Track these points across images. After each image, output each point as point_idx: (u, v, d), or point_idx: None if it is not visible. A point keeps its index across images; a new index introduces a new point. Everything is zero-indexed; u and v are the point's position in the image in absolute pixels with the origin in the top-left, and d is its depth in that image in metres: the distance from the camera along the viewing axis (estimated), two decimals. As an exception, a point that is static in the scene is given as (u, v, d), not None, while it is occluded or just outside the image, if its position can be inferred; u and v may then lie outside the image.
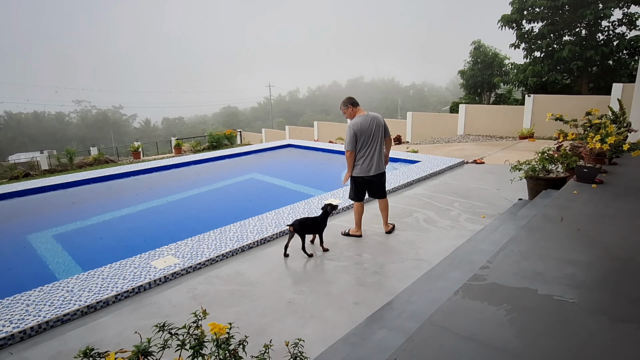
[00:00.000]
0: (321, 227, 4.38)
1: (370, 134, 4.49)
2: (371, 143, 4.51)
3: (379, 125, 4.54)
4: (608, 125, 4.76)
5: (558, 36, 20.28)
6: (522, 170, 5.49)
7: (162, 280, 3.79)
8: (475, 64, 25.09)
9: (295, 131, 25.83)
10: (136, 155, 16.74)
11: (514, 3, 20.58)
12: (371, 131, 4.49)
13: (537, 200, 4.77)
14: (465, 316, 2.21)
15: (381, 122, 4.59)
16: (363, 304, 3.25)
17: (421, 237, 4.68)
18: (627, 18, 18.70)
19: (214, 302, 3.41)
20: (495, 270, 2.72)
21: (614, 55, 18.91)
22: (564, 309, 2.23)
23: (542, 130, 13.99)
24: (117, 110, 72.57)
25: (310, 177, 9.47)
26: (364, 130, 4.48)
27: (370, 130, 4.49)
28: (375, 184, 4.73)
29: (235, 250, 4.37)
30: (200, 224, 5.76)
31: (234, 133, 20.55)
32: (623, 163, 5.89)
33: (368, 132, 4.49)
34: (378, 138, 4.53)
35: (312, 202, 5.99)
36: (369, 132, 4.49)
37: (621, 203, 4.11)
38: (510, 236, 3.48)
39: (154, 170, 10.26)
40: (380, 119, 4.60)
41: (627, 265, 2.76)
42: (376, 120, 4.54)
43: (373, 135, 4.50)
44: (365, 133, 4.48)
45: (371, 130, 4.49)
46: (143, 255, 4.23)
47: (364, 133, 4.48)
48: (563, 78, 19.88)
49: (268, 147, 13.34)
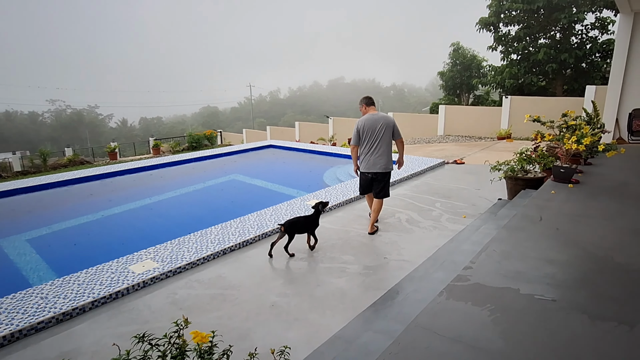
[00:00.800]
0: (314, 226, 4.38)
1: (374, 133, 4.70)
2: (374, 142, 4.71)
3: (386, 126, 4.70)
4: (583, 127, 4.88)
5: (534, 39, 20.84)
6: (502, 170, 5.58)
7: (141, 285, 3.68)
8: (454, 65, 25.53)
9: (276, 132, 25.70)
10: (113, 156, 16.33)
11: (491, 6, 21.04)
12: (375, 130, 4.69)
13: (516, 200, 4.86)
14: (450, 317, 2.21)
15: (389, 123, 4.73)
16: (347, 306, 3.23)
17: (404, 237, 4.70)
18: (600, 22, 19.36)
19: (195, 307, 3.33)
20: (478, 270, 2.74)
21: (587, 58, 19.55)
22: (545, 308, 2.26)
23: (519, 131, 14.33)
24: (92, 110, 70.67)
25: (292, 178, 9.42)
26: (367, 128, 4.71)
27: (375, 129, 4.69)
28: (377, 182, 4.87)
29: (216, 253, 4.29)
30: (180, 227, 5.64)
31: (214, 133, 20.32)
32: (597, 163, 6.07)
33: (372, 131, 4.70)
34: (383, 138, 4.70)
35: (294, 203, 5.95)
36: (373, 131, 4.70)
37: (597, 202, 4.22)
38: (491, 236, 3.52)
39: (132, 171, 10.01)
40: (389, 120, 4.75)
41: (604, 263, 2.82)
42: (383, 120, 4.72)
43: (377, 135, 4.69)
44: (369, 131, 4.71)
45: (375, 130, 4.69)
46: (120, 259, 4.10)
47: (367, 131, 4.72)
48: (539, 80, 20.44)
49: (249, 148, 13.21)
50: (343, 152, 11.58)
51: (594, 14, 19.30)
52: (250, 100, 74.91)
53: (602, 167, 5.91)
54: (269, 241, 4.69)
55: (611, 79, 9.76)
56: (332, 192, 6.49)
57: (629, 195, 4.55)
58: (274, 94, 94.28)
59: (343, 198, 6.14)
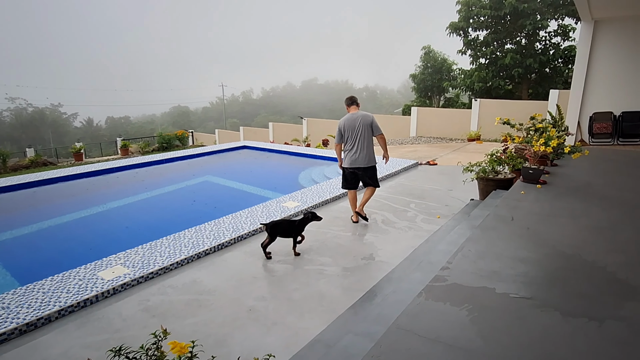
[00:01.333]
0: (297, 232, 4.29)
1: (354, 131, 4.97)
2: (355, 139, 4.99)
3: (364, 124, 4.96)
4: (550, 130, 5.07)
5: (501, 44, 21.54)
6: (474, 171, 5.72)
7: (111, 292, 3.53)
8: (425, 68, 26.06)
9: (249, 132, 25.43)
10: (78, 157, 15.65)
11: (461, 11, 21.60)
12: (355, 128, 4.96)
13: (488, 201, 4.99)
14: (429, 318, 2.23)
15: (367, 121, 4.98)
16: (326, 309, 3.21)
17: (380, 238, 4.73)
18: (562, 29, 20.23)
19: (169, 313, 3.23)
20: (454, 270, 2.79)
21: (550, 64, 20.39)
22: (520, 307, 2.32)
23: (488, 132, 14.76)
24: (55, 109, 67.56)
25: (267, 180, 9.33)
26: (347, 127, 5.00)
27: (354, 127, 4.96)
28: (363, 176, 5.13)
29: (190, 258, 4.18)
30: (152, 231, 5.47)
31: (186, 134, 19.86)
32: (563, 164, 6.33)
33: (352, 129, 4.97)
34: (363, 135, 4.96)
35: (270, 205, 5.88)
36: (353, 129, 4.97)
37: (563, 202, 4.39)
38: (466, 236, 3.59)
39: (99, 173, 9.64)
40: (367, 117, 5.00)
41: (573, 261, 2.93)
42: (362, 118, 4.97)
43: (357, 133, 4.96)
44: (349, 129, 4.99)
45: (355, 128, 4.96)
46: (88, 265, 3.93)
47: (347, 129, 5.00)
48: (505, 84, 21.15)
49: (223, 149, 13.00)
50: (318, 153, 11.58)
51: (557, 21, 20.19)
52: (223, 100, 73.81)
53: (567, 168, 6.16)
54: (245, 244, 4.63)
55: (573, 84, 10.21)
56: (307, 194, 6.47)
57: (592, 194, 4.75)
58: (247, 94, 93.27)
59: (319, 199, 6.13)
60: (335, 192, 6.54)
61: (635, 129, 9.61)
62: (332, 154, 11.20)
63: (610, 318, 2.19)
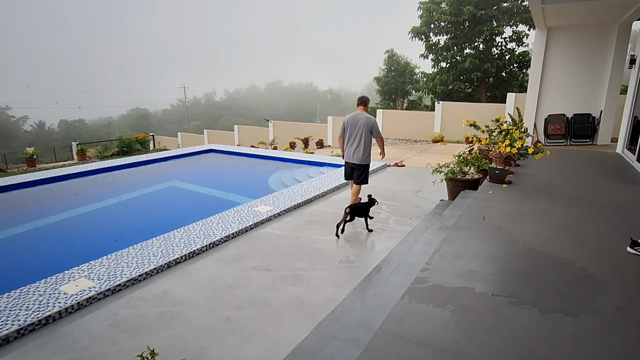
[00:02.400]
0: (367, 213, 5.02)
1: (354, 130, 5.45)
2: (353, 137, 5.46)
3: (364, 125, 5.41)
4: (514, 131, 5.28)
5: (460, 49, 22.32)
6: (443, 172, 5.86)
7: (75, 308, 3.31)
8: (389, 71, 26.56)
9: (214, 135, 24.89)
10: (31, 163, 14.71)
11: (422, 16, 22.20)
12: (355, 127, 5.44)
13: (458, 201, 5.12)
14: (414, 321, 2.23)
15: (368, 124, 5.42)
16: (305, 315, 3.16)
17: (355, 241, 4.73)
18: (516, 35, 21.24)
19: (140, 327, 3.06)
20: (434, 271, 2.82)
21: (506, 68, 21.34)
22: (500, 305, 2.37)
23: (451, 134, 15.23)
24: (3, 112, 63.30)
25: (236, 184, 9.14)
26: (349, 124, 5.50)
27: (355, 126, 5.44)
28: (355, 170, 5.62)
29: (160, 267, 3.99)
30: (117, 240, 5.21)
31: (147, 137, 19.17)
32: (525, 165, 6.61)
33: (353, 127, 5.46)
34: (360, 135, 5.42)
35: (241, 210, 5.75)
36: (354, 128, 5.45)
37: (529, 201, 4.57)
38: (440, 237, 3.66)
39: (56, 179, 9.07)
40: (369, 121, 5.44)
41: (544, 258, 3.04)
42: (364, 120, 5.42)
43: (356, 132, 5.44)
44: (350, 127, 5.49)
45: (355, 127, 5.43)
46: (49, 279, 3.66)
47: (349, 126, 5.50)
48: (465, 87, 21.92)
49: (188, 153, 12.63)
50: (287, 156, 11.49)
51: (512, 27, 21.19)
52: (185, 102, 71.86)
53: (529, 168, 6.44)
54: (217, 251, 4.49)
55: (529, 87, 10.72)
56: (279, 197, 6.39)
57: (554, 193, 4.99)
58: (209, 97, 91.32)
59: (291, 203, 6.06)
60: (307, 195, 6.50)
61: (586, 130, 10.23)
62: (300, 157, 11.16)
63: (583, 313, 2.29)
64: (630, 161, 7.02)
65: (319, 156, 11.16)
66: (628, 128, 7.87)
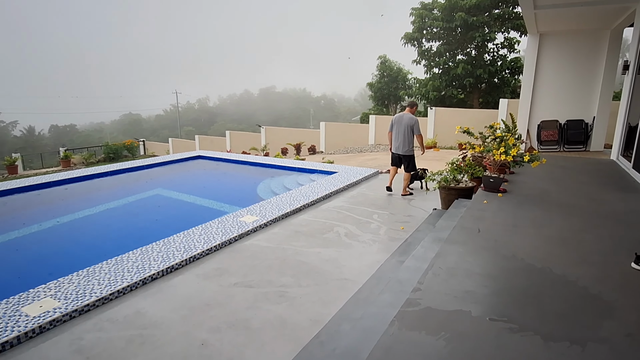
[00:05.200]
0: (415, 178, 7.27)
1: (399, 127, 6.85)
2: (397, 133, 6.87)
3: (407, 124, 6.77)
4: (509, 138, 5.10)
5: (453, 55, 22.33)
6: (436, 180, 5.66)
7: (37, 331, 3.03)
8: (382, 77, 26.51)
9: (205, 141, 24.60)
10: (12, 169, 14.27)
11: (415, 22, 22.19)
12: (400, 125, 6.83)
13: (451, 211, 4.91)
14: (405, 352, 2.00)
15: (409, 123, 6.76)
16: (288, 338, 2.91)
17: (343, 253, 4.49)
18: (508, 42, 21.28)
19: (106, 354, 2.78)
20: (427, 292, 2.59)
21: (498, 74, 21.36)
22: (499, 332, 2.15)
23: (444, 140, 15.11)
24: (-9, 117, 62.33)
25: (223, 192, 8.87)
26: (396, 122, 6.91)
27: (400, 124, 6.84)
28: (402, 160, 7.01)
29: (134, 284, 3.72)
30: (93, 254, 4.92)
31: (136, 143, 18.84)
32: (519, 172, 6.43)
33: (398, 124, 6.87)
34: (402, 131, 6.80)
35: (226, 220, 5.49)
36: (399, 125, 6.85)
37: (525, 211, 4.37)
38: (433, 250, 3.43)
39: (33, 188, 8.71)
40: (411, 121, 6.76)
41: (544, 276, 2.83)
42: (407, 120, 6.78)
43: (400, 129, 6.83)
44: (396, 124, 6.90)
45: (400, 125, 6.83)
46: (10, 299, 3.37)
47: (395, 124, 6.92)
48: (458, 93, 21.91)
49: (175, 159, 12.33)
50: (277, 162, 11.25)
51: (503, 34, 21.24)
52: (177, 107, 71.39)
53: (524, 175, 6.27)
54: (198, 265, 4.23)
55: (522, 93, 10.63)
56: (266, 206, 6.14)
57: (550, 202, 4.80)
58: (203, 102, 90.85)
59: (279, 212, 5.82)
60: (296, 203, 6.26)
61: (579, 136, 10.13)
62: (290, 163, 10.92)
63: (591, 340, 2.07)
64: (626, 168, 6.88)
65: (310, 163, 10.93)
66: (622, 134, 7.76)
